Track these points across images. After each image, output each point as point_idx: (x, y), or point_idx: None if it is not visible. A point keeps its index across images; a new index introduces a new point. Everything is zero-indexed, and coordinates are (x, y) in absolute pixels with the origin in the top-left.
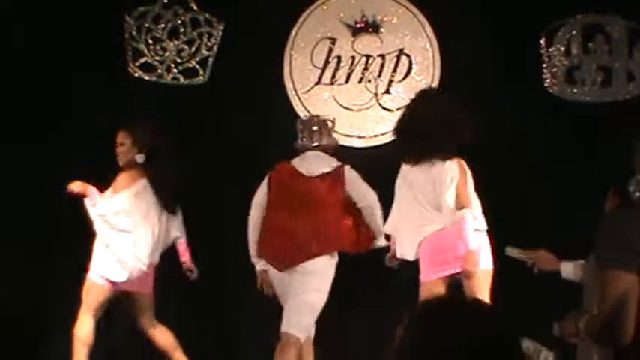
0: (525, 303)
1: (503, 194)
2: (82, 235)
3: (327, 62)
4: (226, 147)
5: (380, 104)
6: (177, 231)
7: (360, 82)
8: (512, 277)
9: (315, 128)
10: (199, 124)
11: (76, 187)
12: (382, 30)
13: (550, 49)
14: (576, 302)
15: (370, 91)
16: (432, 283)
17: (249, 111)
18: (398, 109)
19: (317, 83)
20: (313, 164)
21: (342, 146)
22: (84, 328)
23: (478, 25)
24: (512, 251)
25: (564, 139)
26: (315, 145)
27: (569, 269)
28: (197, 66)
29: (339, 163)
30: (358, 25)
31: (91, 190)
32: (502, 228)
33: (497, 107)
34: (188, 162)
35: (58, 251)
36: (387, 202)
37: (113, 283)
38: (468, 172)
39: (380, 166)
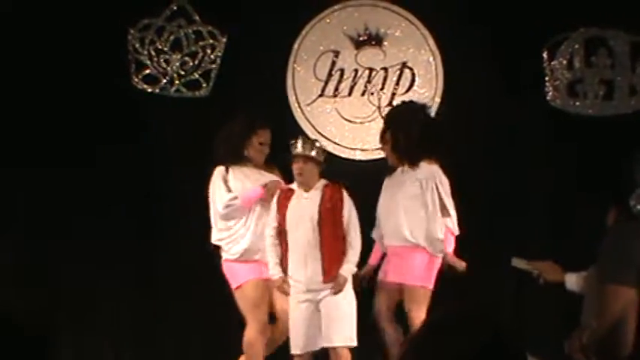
0: (541, 321)
1: (505, 205)
2: (90, 236)
3: (330, 75)
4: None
5: (383, 117)
6: None
7: (362, 94)
8: (527, 294)
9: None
10: (202, 137)
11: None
12: (385, 43)
13: (552, 63)
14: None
15: (373, 104)
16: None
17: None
18: None
19: (320, 96)
20: None
21: (345, 159)
22: None
23: (481, 38)
24: (518, 262)
25: (566, 152)
26: None
27: (573, 281)
28: (200, 78)
29: None
30: (361, 38)
31: None
32: (506, 240)
33: (499, 120)
34: (191, 174)
35: (65, 253)
36: None
37: None
38: None
39: (382, 179)
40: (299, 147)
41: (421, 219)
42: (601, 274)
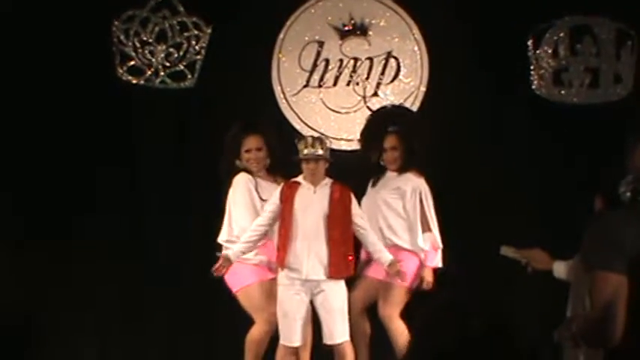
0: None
1: (491, 195)
2: (77, 233)
3: (315, 65)
4: (214, 150)
5: (368, 107)
6: None
7: (348, 84)
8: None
9: None
10: (187, 128)
11: None
12: (370, 33)
13: (538, 51)
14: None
15: (358, 94)
16: None
17: (237, 114)
18: None
19: (305, 86)
20: None
21: (331, 149)
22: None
23: (466, 27)
24: (507, 250)
25: (552, 140)
26: None
27: (561, 269)
28: (185, 69)
29: None
30: (346, 28)
31: None
32: (494, 230)
33: (485, 109)
34: (176, 165)
35: (55, 251)
36: None
37: None
38: None
39: (367, 170)
40: (309, 148)
41: (403, 224)
42: (589, 261)
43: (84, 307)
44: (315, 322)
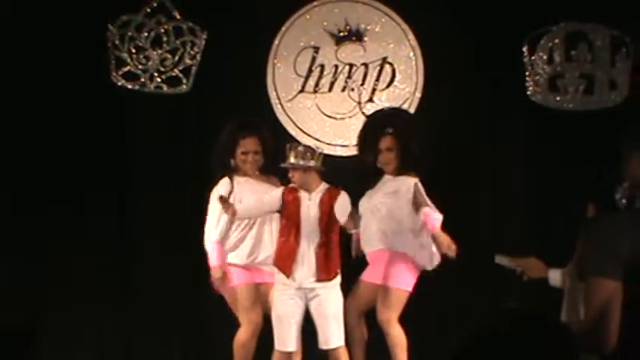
0: None
1: (485, 200)
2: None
3: (310, 71)
4: (209, 155)
5: (363, 113)
6: None
7: (343, 90)
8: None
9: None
10: (182, 133)
11: None
12: (365, 39)
13: (533, 57)
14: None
15: (353, 100)
16: None
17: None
18: None
19: (300, 92)
20: None
21: (325, 155)
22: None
23: (461, 34)
24: (501, 259)
25: (547, 146)
26: None
27: (556, 277)
28: (180, 75)
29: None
30: (341, 34)
31: None
32: (490, 235)
33: (480, 115)
34: (170, 170)
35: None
36: None
37: None
38: None
39: (363, 175)
40: (294, 158)
41: (395, 227)
42: (583, 267)
43: (83, 307)
44: (311, 327)
